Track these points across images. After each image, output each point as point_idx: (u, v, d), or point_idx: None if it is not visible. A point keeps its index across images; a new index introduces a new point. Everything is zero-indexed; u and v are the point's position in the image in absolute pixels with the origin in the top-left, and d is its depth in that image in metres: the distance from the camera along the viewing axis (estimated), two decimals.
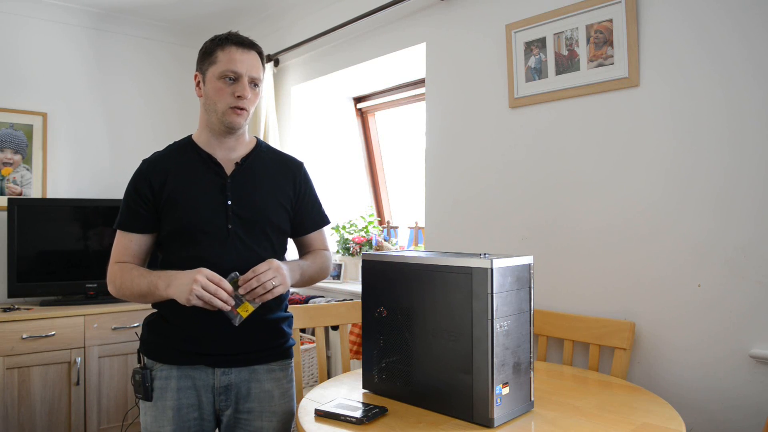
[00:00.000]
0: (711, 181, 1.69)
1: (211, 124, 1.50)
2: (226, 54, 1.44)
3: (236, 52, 1.44)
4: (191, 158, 1.51)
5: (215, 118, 1.47)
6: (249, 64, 1.46)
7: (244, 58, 1.45)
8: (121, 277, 1.44)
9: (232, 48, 1.45)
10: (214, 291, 1.31)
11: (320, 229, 1.66)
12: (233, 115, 1.46)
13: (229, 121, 1.46)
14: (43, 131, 3.27)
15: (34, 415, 2.75)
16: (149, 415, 1.46)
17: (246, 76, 1.45)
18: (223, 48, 1.45)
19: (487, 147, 2.31)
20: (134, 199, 1.48)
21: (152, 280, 1.39)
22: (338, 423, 1.29)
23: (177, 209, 1.45)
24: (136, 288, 1.42)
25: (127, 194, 1.50)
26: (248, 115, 1.49)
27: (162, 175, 1.48)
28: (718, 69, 1.68)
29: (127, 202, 1.50)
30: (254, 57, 1.48)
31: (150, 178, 1.48)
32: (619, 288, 1.89)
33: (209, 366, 1.46)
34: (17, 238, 3.01)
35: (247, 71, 1.45)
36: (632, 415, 1.33)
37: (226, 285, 1.33)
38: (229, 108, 1.45)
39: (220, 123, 1.47)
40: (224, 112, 1.45)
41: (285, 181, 1.58)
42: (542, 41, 2.07)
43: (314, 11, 3.18)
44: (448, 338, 1.31)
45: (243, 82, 1.44)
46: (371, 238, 3.21)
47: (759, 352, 1.58)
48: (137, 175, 1.51)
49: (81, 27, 3.41)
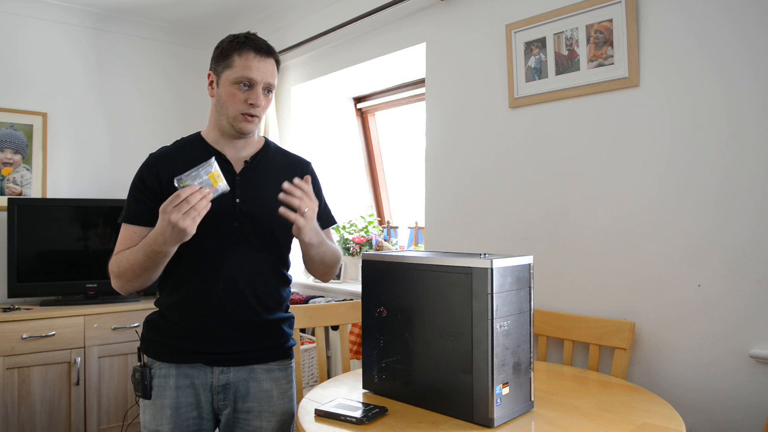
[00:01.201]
0: (710, 180, 1.70)
1: (221, 125, 1.49)
2: (243, 60, 1.42)
3: (253, 59, 1.42)
4: (200, 154, 1.50)
5: (226, 121, 1.47)
6: (265, 72, 1.44)
7: (260, 66, 1.43)
8: (117, 263, 1.40)
9: (250, 54, 1.42)
10: (195, 207, 1.24)
11: (327, 229, 1.66)
12: (244, 122, 1.45)
13: (240, 127, 1.46)
14: (43, 131, 3.27)
15: (34, 415, 2.75)
16: (148, 413, 1.46)
17: (261, 84, 1.44)
18: (240, 53, 1.42)
19: (487, 147, 2.31)
20: (141, 191, 1.46)
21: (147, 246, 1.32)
22: (338, 423, 1.29)
23: None
24: (135, 262, 1.35)
25: (134, 187, 1.48)
26: (259, 121, 1.49)
27: (170, 169, 1.45)
28: (717, 69, 1.68)
29: (133, 195, 1.47)
30: (271, 64, 1.46)
31: (158, 170, 1.46)
32: (619, 288, 1.89)
33: (207, 365, 1.46)
34: (17, 238, 3.01)
35: (262, 78, 1.43)
36: (632, 415, 1.33)
37: (191, 195, 1.24)
38: (240, 114, 1.44)
39: (231, 127, 1.47)
40: (235, 118, 1.45)
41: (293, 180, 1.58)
42: (542, 41, 2.07)
43: (314, 11, 3.18)
44: (448, 338, 1.31)
45: (257, 90, 1.43)
46: (371, 238, 3.21)
47: (759, 352, 1.58)
48: (145, 167, 1.49)
49: (81, 27, 3.41)
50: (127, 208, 1.48)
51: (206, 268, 1.45)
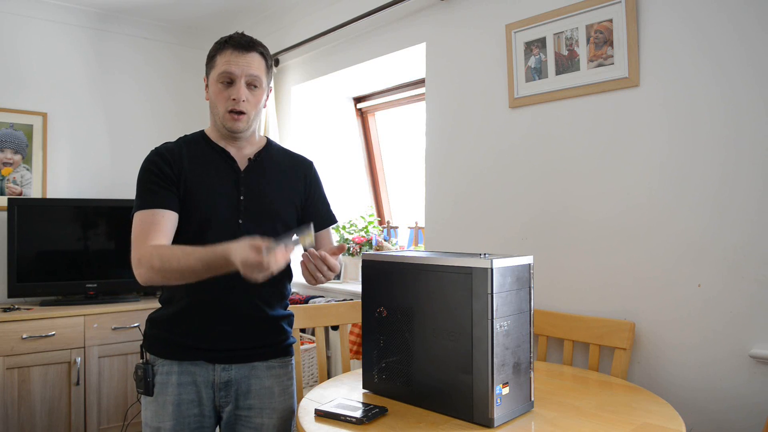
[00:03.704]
0: (710, 180, 1.70)
1: (217, 127, 1.51)
2: (223, 57, 1.44)
3: (232, 55, 1.43)
4: (205, 151, 1.51)
5: (219, 122, 1.48)
6: (245, 65, 1.44)
7: (239, 60, 1.43)
8: (161, 257, 1.31)
9: (229, 50, 1.44)
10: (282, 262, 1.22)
11: (328, 228, 1.67)
12: (231, 120, 1.45)
13: (229, 126, 1.47)
14: (43, 131, 3.27)
15: (34, 415, 2.75)
16: (150, 410, 1.47)
17: (242, 78, 1.43)
18: (221, 52, 1.45)
19: (487, 147, 2.31)
20: (158, 176, 1.41)
21: (211, 259, 1.27)
22: (338, 423, 1.29)
23: (191, 199, 1.44)
24: (187, 267, 1.29)
25: (147, 176, 1.43)
26: (248, 119, 1.47)
27: (178, 162, 1.45)
28: (717, 69, 1.68)
29: (147, 184, 1.42)
30: (253, 57, 1.46)
31: (170, 161, 1.45)
32: (619, 288, 1.89)
33: (209, 362, 1.47)
34: (17, 238, 3.01)
35: (242, 72, 1.43)
36: (632, 415, 1.33)
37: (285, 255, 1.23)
38: (227, 112, 1.45)
39: (223, 127, 1.48)
40: (224, 117, 1.46)
41: (296, 179, 1.59)
42: (542, 41, 2.07)
43: (314, 11, 3.18)
44: (448, 338, 1.31)
45: (238, 85, 1.44)
46: (371, 238, 3.21)
47: (759, 352, 1.58)
48: (155, 157, 1.45)
49: (81, 27, 3.41)
50: (143, 196, 1.42)
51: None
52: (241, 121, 1.46)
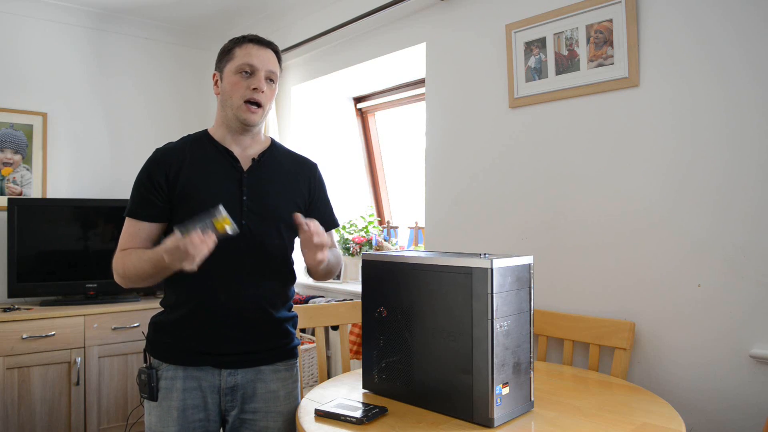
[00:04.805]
0: (710, 180, 1.70)
1: (227, 120, 1.50)
2: (243, 50, 1.48)
3: (253, 48, 1.48)
4: (208, 151, 1.50)
5: (231, 113, 1.48)
6: (266, 59, 1.49)
7: (261, 53, 1.48)
8: (123, 264, 1.42)
9: (249, 44, 1.49)
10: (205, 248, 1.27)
11: (330, 231, 1.66)
12: (248, 112, 1.46)
13: (244, 118, 1.47)
14: (43, 131, 3.27)
15: (34, 415, 2.75)
16: (154, 415, 1.46)
17: (262, 71, 1.47)
18: (240, 45, 1.49)
19: (487, 147, 2.31)
20: (147, 187, 1.45)
21: (155, 262, 1.35)
22: (338, 423, 1.29)
23: (192, 200, 1.44)
24: (141, 271, 1.38)
25: (139, 182, 1.47)
26: (263, 113, 1.50)
27: (177, 164, 1.46)
28: (717, 69, 1.68)
29: (138, 190, 1.47)
30: (271, 54, 1.51)
31: (165, 165, 1.46)
32: (619, 288, 1.89)
33: (215, 367, 1.46)
34: (17, 238, 3.00)
35: (263, 65, 1.48)
36: (632, 415, 1.33)
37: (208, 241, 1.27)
38: (244, 103, 1.46)
39: (236, 119, 1.48)
40: (239, 107, 1.46)
41: (300, 180, 1.59)
42: (542, 41, 2.07)
43: (314, 11, 3.18)
44: (448, 338, 1.31)
45: (259, 75, 1.47)
46: (371, 238, 3.21)
47: (759, 352, 1.58)
48: (151, 162, 1.48)
49: (81, 27, 3.41)
50: (132, 202, 1.47)
51: (213, 265, 1.44)
52: (256, 113, 1.48)
